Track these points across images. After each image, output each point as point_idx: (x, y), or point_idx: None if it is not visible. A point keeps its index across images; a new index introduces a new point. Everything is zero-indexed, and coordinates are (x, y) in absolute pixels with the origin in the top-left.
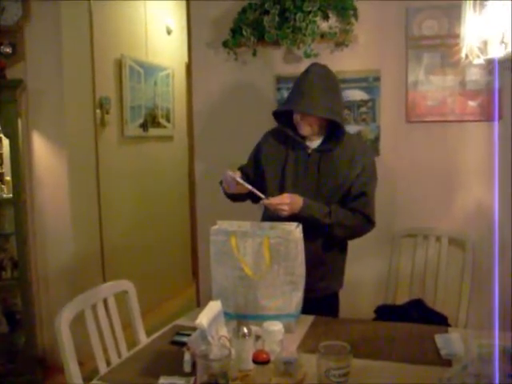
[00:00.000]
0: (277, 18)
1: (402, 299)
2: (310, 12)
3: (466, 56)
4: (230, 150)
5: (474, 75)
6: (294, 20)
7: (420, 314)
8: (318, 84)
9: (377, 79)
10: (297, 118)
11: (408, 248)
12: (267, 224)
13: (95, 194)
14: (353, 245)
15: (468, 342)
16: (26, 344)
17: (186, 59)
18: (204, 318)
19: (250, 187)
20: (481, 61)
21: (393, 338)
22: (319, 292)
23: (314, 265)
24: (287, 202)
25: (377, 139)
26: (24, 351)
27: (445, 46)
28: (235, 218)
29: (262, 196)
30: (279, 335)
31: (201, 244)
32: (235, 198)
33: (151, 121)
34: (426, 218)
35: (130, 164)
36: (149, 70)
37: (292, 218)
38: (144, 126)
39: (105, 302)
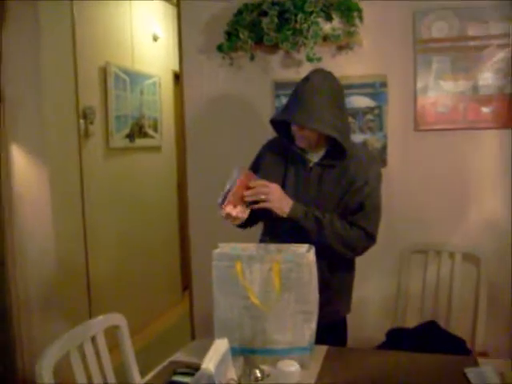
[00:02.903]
0: (276, 20)
1: (412, 321)
2: (311, 13)
3: None
4: (225, 162)
5: (487, 80)
6: (295, 21)
7: (435, 337)
8: (318, 94)
9: (383, 85)
10: (294, 129)
11: (418, 265)
12: (274, 246)
13: (80, 210)
14: (357, 262)
15: (505, 377)
16: (6, 372)
17: (173, 66)
18: (210, 362)
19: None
20: None
21: (418, 371)
22: (326, 318)
23: (319, 288)
24: (276, 187)
25: (384, 149)
26: (3, 380)
27: (456, 48)
28: (232, 233)
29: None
30: (296, 377)
31: (194, 260)
32: (245, 225)
33: (138, 131)
34: (437, 233)
35: (117, 176)
36: (135, 78)
37: (287, 233)
38: (130, 137)
39: (93, 339)
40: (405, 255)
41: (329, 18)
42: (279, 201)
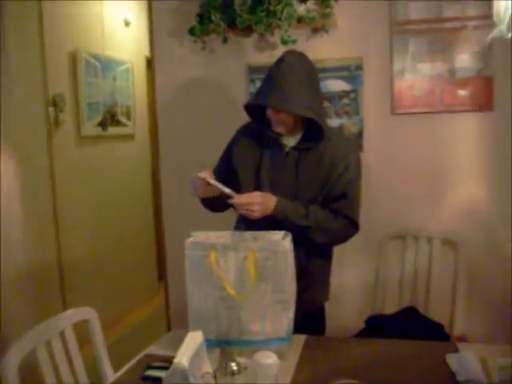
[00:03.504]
0: (249, 1)
1: (391, 307)
2: None
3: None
4: (199, 149)
5: (464, 62)
6: (269, 3)
7: (414, 323)
8: (293, 75)
9: (359, 68)
10: (269, 113)
11: (396, 251)
12: (249, 234)
13: (50, 200)
14: (335, 249)
15: (486, 363)
16: None
17: (145, 52)
18: (183, 356)
19: (220, 186)
20: None
21: (398, 359)
22: (303, 306)
23: (296, 276)
24: (258, 200)
25: (360, 133)
26: None
27: (432, 30)
28: (206, 221)
29: (231, 194)
30: (274, 369)
31: (169, 249)
32: (212, 205)
33: (110, 119)
34: (415, 218)
35: (89, 166)
36: (106, 65)
37: (264, 219)
38: (103, 125)
39: (61, 334)
40: (383, 241)
41: (303, 0)
42: (262, 211)
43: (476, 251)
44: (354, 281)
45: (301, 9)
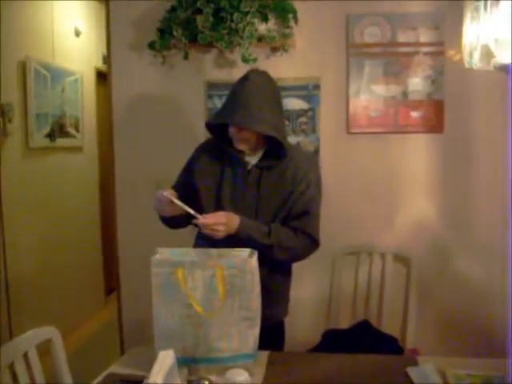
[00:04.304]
0: (211, 18)
1: (346, 321)
2: (247, 13)
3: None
4: (155, 164)
5: (417, 85)
6: (231, 21)
7: (369, 337)
8: (257, 94)
9: (317, 87)
10: (232, 131)
11: (351, 266)
12: (214, 251)
13: None
14: (292, 265)
15: (445, 375)
16: None
17: (96, 63)
18: (158, 376)
19: (184, 206)
20: (488, 66)
21: (361, 373)
22: (265, 322)
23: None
24: (223, 221)
25: (316, 151)
26: None
27: (387, 54)
28: (161, 235)
29: (197, 215)
30: None
31: (121, 263)
32: (173, 223)
33: (59, 130)
34: (368, 234)
35: (37, 178)
36: (56, 75)
37: (226, 238)
38: (51, 136)
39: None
40: (337, 256)
41: (264, 19)
42: (226, 230)
43: (427, 266)
44: (310, 295)
45: (261, 28)
